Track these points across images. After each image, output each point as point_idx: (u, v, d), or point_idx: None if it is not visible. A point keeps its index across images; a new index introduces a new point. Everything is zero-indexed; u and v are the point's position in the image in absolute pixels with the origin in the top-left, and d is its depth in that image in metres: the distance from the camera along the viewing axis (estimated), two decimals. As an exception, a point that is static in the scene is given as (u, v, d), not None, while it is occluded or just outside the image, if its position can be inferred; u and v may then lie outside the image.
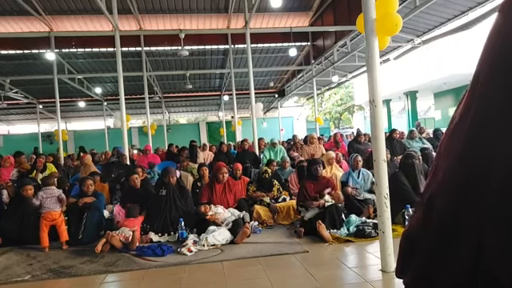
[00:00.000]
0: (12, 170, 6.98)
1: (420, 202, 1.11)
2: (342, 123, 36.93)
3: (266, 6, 10.31)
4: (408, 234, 1.11)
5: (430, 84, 16.12)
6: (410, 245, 1.08)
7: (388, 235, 3.12)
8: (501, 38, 0.87)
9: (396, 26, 3.15)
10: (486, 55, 0.92)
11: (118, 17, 7.64)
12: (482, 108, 0.90)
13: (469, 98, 0.96)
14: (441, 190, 0.98)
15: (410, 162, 4.91)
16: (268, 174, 5.78)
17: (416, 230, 1.07)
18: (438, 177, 1.01)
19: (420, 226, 1.05)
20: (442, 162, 1.01)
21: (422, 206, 1.05)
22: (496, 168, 0.84)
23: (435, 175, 1.03)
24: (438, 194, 0.98)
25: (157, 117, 24.34)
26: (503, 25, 0.87)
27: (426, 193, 1.06)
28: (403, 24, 3.40)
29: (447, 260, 0.94)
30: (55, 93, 10.68)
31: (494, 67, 0.89)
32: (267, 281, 3.11)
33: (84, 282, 3.39)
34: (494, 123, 0.86)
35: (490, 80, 0.90)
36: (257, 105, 10.42)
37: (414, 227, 1.10)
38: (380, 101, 3.16)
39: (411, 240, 1.08)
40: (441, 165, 1.02)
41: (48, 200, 4.53)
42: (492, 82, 0.89)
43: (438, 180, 1.01)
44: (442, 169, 1.00)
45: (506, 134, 0.83)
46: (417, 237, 1.05)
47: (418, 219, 1.07)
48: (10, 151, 9.52)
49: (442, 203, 0.97)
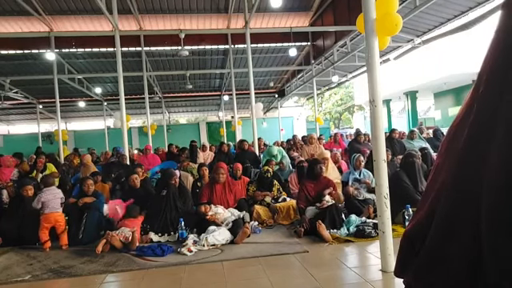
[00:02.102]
0: (12, 169, 6.98)
1: (421, 202, 1.11)
2: (342, 123, 36.95)
3: (265, 6, 10.30)
4: (409, 233, 1.11)
5: (429, 84, 16.13)
6: (410, 245, 1.08)
7: (388, 235, 3.12)
8: (507, 35, 0.85)
9: (396, 25, 3.15)
10: (489, 53, 0.90)
11: (118, 17, 7.63)
12: (483, 108, 0.89)
13: (472, 98, 0.95)
14: (442, 190, 0.98)
15: (410, 161, 4.92)
16: (270, 174, 5.78)
17: (417, 230, 1.07)
18: (439, 177, 1.00)
19: (421, 226, 1.04)
20: (442, 161, 1.01)
21: (424, 206, 1.05)
22: (490, 173, 0.83)
23: (436, 175, 1.02)
24: (440, 195, 0.98)
25: (157, 117, 24.33)
26: (508, 22, 0.85)
27: (427, 193, 1.05)
28: (403, 24, 3.40)
29: (447, 260, 0.94)
30: (55, 93, 10.68)
31: (496, 65, 0.87)
32: (267, 281, 3.11)
33: (84, 282, 3.39)
34: (494, 123, 0.86)
35: (492, 79, 0.88)
36: (257, 105, 10.42)
37: (415, 227, 1.10)
38: (380, 101, 3.16)
39: (412, 240, 1.08)
40: (441, 164, 1.01)
41: (51, 201, 4.51)
42: (494, 81, 0.87)
43: (439, 180, 1.00)
44: (443, 169, 1.00)
45: (502, 134, 0.82)
46: (417, 237, 1.04)
47: (419, 219, 1.07)
48: (10, 151, 9.52)
49: (443, 204, 0.96)
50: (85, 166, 7.45)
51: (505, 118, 0.83)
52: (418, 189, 4.76)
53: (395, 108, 23.65)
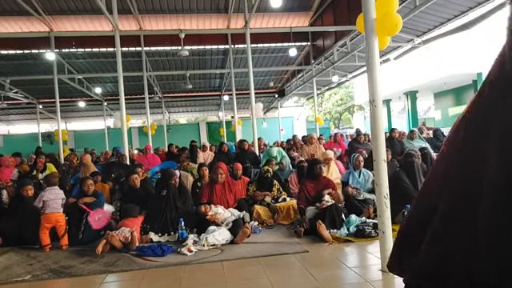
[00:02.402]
0: (13, 169, 6.98)
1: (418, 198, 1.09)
2: (341, 123, 36.96)
3: (265, 6, 10.30)
4: (404, 231, 1.11)
5: (429, 84, 16.13)
6: (408, 242, 1.07)
7: (388, 235, 3.12)
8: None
9: (396, 25, 3.15)
10: (500, 53, 0.87)
11: (118, 17, 7.63)
12: (481, 110, 0.89)
13: (477, 96, 0.93)
14: (442, 188, 0.97)
15: (410, 161, 4.93)
16: (270, 174, 5.78)
17: (417, 227, 1.06)
18: (438, 175, 1.00)
19: (421, 223, 1.04)
20: (443, 158, 1.00)
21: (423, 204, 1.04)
22: (490, 173, 0.83)
23: (436, 172, 1.01)
24: (440, 194, 0.97)
25: (157, 117, 24.33)
26: None
27: (426, 188, 1.04)
28: (403, 24, 3.40)
29: (447, 259, 0.94)
30: (55, 93, 10.67)
31: (504, 66, 0.85)
32: (267, 281, 3.11)
33: (84, 282, 3.39)
34: (489, 126, 0.85)
35: (497, 80, 0.86)
36: (257, 105, 10.40)
37: (413, 224, 1.09)
38: (380, 101, 3.16)
39: (409, 237, 1.07)
40: (441, 162, 1.00)
41: (53, 201, 4.51)
42: (499, 83, 0.85)
43: (439, 178, 0.99)
44: (443, 166, 0.99)
45: (497, 138, 0.81)
46: (417, 234, 1.04)
47: (419, 215, 1.06)
48: (10, 151, 9.51)
49: (444, 203, 0.96)
50: (84, 165, 7.45)
51: (500, 120, 0.82)
52: (418, 189, 4.76)
53: (395, 108, 23.65)
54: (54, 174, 6.57)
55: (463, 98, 16.27)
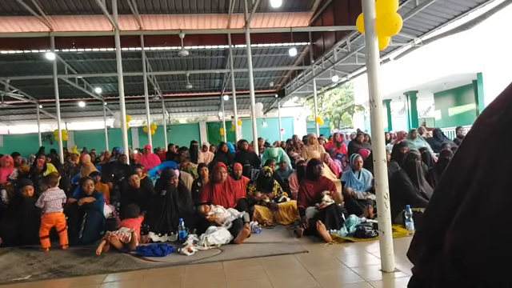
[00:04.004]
0: (12, 169, 6.97)
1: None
2: (341, 123, 36.96)
3: (266, 6, 10.31)
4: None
5: (429, 84, 16.12)
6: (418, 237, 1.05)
7: (388, 235, 3.12)
8: None
9: (396, 25, 3.15)
10: None
11: (118, 17, 7.64)
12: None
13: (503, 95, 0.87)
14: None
15: (411, 161, 4.93)
16: (270, 174, 5.77)
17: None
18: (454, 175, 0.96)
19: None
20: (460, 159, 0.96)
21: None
22: None
23: (453, 171, 0.97)
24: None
25: (157, 117, 24.35)
26: None
27: (443, 185, 1.00)
28: (403, 24, 3.40)
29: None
30: (55, 93, 10.68)
31: None
32: (267, 281, 3.11)
33: (84, 282, 3.38)
34: None
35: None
36: (257, 105, 10.39)
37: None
38: (380, 101, 3.16)
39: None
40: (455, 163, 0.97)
41: (53, 201, 4.50)
42: None
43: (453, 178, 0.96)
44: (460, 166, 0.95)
45: None
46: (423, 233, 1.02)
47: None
48: (10, 151, 9.51)
49: None
50: (84, 165, 7.46)
51: None
52: (419, 189, 4.77)
53: (395, 108, 23.64)
54: (53, 174, 6.58)
55: (463, 98, 16.26)
